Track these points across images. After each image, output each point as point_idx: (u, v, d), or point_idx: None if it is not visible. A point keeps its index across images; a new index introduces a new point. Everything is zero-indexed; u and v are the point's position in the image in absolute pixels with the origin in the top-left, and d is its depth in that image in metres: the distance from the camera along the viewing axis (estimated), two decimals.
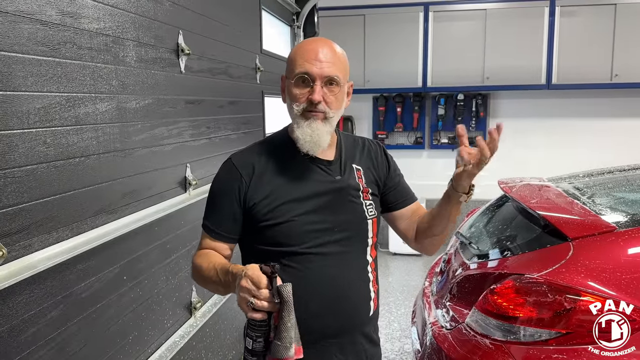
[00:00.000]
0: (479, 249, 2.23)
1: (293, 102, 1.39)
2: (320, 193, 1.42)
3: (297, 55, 1.39)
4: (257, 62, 3.53)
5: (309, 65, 1.35)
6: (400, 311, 4.14)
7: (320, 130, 1.37)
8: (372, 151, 1.58)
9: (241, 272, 1.21)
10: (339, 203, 1.44)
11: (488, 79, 5.34)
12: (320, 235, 1.40)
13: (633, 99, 5.36)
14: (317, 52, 1.36)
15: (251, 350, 1.23)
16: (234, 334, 3.02)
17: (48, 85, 1.55)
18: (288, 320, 1.16)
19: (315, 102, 1.35)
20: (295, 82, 1.38)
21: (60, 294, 1.63)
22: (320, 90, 1.36)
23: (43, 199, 1.54)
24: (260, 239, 1.41)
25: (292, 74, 1.39)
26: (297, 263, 1.38)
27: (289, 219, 1.38)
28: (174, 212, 2.34)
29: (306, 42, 1.44)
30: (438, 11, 5.38)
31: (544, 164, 5.33)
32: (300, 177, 1.42)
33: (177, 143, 2.39)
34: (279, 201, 1.39)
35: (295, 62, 1.38)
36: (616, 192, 2.40)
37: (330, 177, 1.45)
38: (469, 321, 1.91)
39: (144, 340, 2.15)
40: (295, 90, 1.38)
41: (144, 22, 2.10)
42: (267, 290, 1.16)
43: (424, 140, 5.84)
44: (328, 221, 1.41)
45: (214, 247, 1.46)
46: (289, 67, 1.41)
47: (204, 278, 1.40)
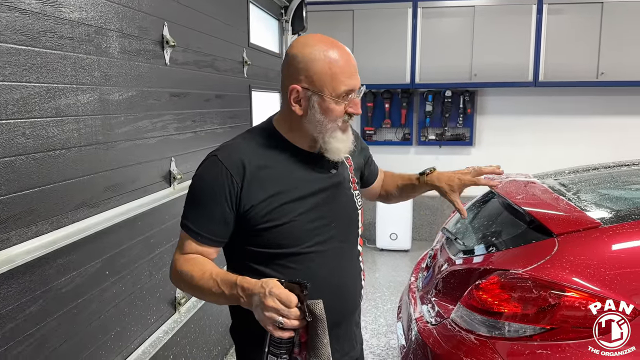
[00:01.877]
0: (465, 244, 2.23)
1: (335, 119, 1.32)
2: (319, 190, 1.38)
3: (337, 71, 1.29)
4: (245, 55, 3.50)
5: (352, 81, 1.32)
6: (387, 307, 4.15)
7: (351, 136, 1.40)
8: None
9: (260, 289, 1.14)
10: (335, 198, 1.42)
11: (476, 75, 5.35)
12: (319, 232, 1.37)
13: (618, 97, 5.41)
14: (350, 64, 1.32)
15: None
16: (220, 330, 3.00)
17: (27, 75, 1.52)
18: (324, 337, 1.15)
19: (358, 115, 1.36)
20: (339, 99, 1.31)
21: (40, 288, 1.60)
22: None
23: (22, 191, 1.50)
24: (255, 242, 1.34)
25: (334, 91, 1.29)
26: (297, 264, 1.34)
27: (290, 220, 1.33)
28: (158, 206, 2.31)
29: (338, 54, 1.31)
30: (427, 7, 5.38)
31: (531, 160, 5.36)
32: (297, 176, 1.37)
33: (161, 136, 2.36)
34: (278, 202, 1.32)
35: (337, 79, 1.29)
36: (601, 189, 2.41)
37: (326, 171, 1.42)
38: (454, 317, 1.91)
39: (126, 336, 2.12)
40: (336, 107, 1.31)
41: (127, 12, 2.06)
42: (297, 310, 1.12)
43: (411, 137, 5.84)
44: (326, 217, 1.39)
45: (200, 252, 1.35)
46: (326, 82, 1.29)
47: (197, 287, 1.30)
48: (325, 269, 1.37)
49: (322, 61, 1.29)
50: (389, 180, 1.80)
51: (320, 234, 1.37)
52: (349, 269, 1.46)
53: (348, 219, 1.45)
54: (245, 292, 1.19)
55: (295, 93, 1.32)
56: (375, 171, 1.77)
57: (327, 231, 1.38)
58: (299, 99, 1.32)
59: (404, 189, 1.75)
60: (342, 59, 1.31)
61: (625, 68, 5.08)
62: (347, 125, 1.38)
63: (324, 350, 1.15)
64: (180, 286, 1.39)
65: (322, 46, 1.31)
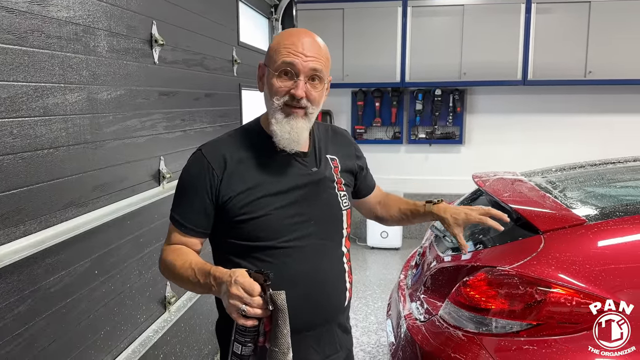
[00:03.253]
0: (453, 242, 2.25)
1: (273, 95, 1.34)
2: (298, 186, 1.40)
3: (281, 46, 1.33)
4: (234, 54, 3.50)
5: (294, 57, 1.31)
6: (377, 304, 4.17)
7: (300, 127, 1.35)
8: (343, 139, 1.60)
9: (228, 277, 1.17)
10: (315, 195, 1.43)
11: (465, 74, 5.38)
12: (297, 228, 1.38)
13: (606, 96, 5.46)
14: (303, 45, 1.32)
15: (240, 355, 1.21)
16: (210, 329, 3.00)
17: (14, 74, 1.51)
18: (284, 327, 1.17)
19: (298, 98, 1.32)
20: (277, 74, 1.33)
21: (28, 288, 1.60)
22: (304, 86, 1.32)
23: (9, 191, 1.50)
24: (234, 234, 1.38)
25: (274, 64, 1.33)
26: (274, 258, 1.36)
27: (266, 213, 1.35)
28: (148, 205, 2.31)
29: (290, 32, 1.38)
30: (416, 6, 5.40)
31: (520, 158, 5.40)
32: (276, 170, 1.39)
33: (150, 135, 2.35)
34: (255, 195, 1.35)
35: (279, 52, 1.32)
36: (587, 186, 2.44)
37: (307, 169, 1.43)
38: (442, 313, 1.93)
39: (116, 335, 2.12)
40: (276, 82, 1.33)
41: (115, 11, 2.05)
42: (259, 298, 1.15)
43: (402, 135, 5.86)
44: (305, 214, 1.39)
45: (185, 242, 1.41)
46: (272, 56, 1.35)
47: (178, 276, 1.35)
48: (302, 265, 1.38)
49: (276, 38, 1.39)
50: (392, 203, 1.77)
51: (298, 229, 1.38)
52: (331, 268, 1.45)
53: (330, 217, 1.45)
54: (216, 280, 1.22)
55: (260, 70, 1.42)
56: (371, 185, 1.75)
57: (305, 227, 1.39)
58: (261, 75, 1.42)
59: (407, 213, 1.72)
60: (294, 37, 1.34)
61: (612, 67, 5.14)
62: (290, 110, 1.34)
63: (283, 341, 1.17)
64: (166, 275, 1.43)
65: (288, 29, 1.39)
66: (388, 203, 1.78)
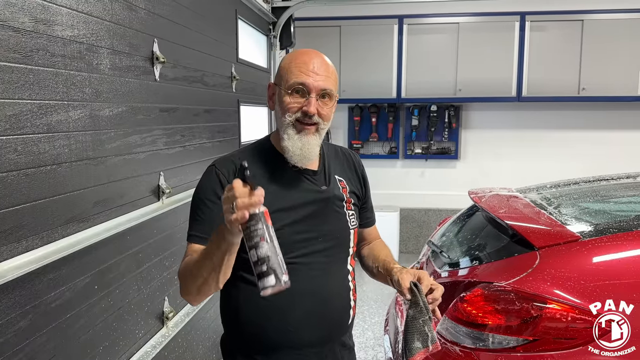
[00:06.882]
0: (450, 257, 2.27)
1: (285, 112, 1.38)
2: (307, 203, 1.42)
3: (293, 65, 1.38)
4: (233, 70, 3.54)
5: (305, 76, 1.36)
6: (374, 320, 4.17)
7: (311, 143, 1.38)
8: (351, 163, 1.61)
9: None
10: (324, 213, 1.44)
11: (460, 90, 5.45)
12: (306, 245, 1.39)
13: (599, 112, 5.54)
14: (314, 65, 1.37)
15: (260, 258, 1.14)
16: (207, 344, 2.99)
17: (19, 92, 1.54)
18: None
19: (310, 114, 1.36)
20: (290, 92, 1.37)
21: (30, 303, 1.61)
22: (316, 103, 1.36)
23: (13, 207, 1.52)
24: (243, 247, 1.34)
25: (286, 83, 1.38)
26: None
27: (277, 229, 1.33)
28: (147, 220, 2.32)
29: (301, 52, 1.43)
30: (412, 24, 5.48)
31: (515, 174, 5.45)
32: (287, 187, 1.41)
33: (150, 151, 2.38)
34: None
35: (291, 72, 1.37)
36: (581, 203, 2.47)
37: (316, 187, 1.45)
38: (439, 329, 1.94)
39: (114, 350, 2.12)
40: (288, 99, 1.37)
41: (118, 29, 2.09)
42: (242, 188, 1.11)
43: (398, 150, 5.91)
44: (314, 231, 1.41)
45: (197, 251, 1.35)
46: (283, 75, 1.40)
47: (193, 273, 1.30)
48: (308, 282, 1.39)
49: (287, 58, 1.44)
50: (377, 252, 1.63)
51: (306, 246, 1.39)
52: (336, 286, 1.46)
53: (337, 235, 1.47)
54: (218, 229, 1.20)
55: (270, 89, 1.46)
56: (370, 220, 1.69)
57: (312, 245, 1.41)
58: (271, 94, 1.46)
59: (381, 273, 1.55)
60: (305, 57, 1.40)
61: (606, 83, 5.22)
62: (303, 127, 1.37)
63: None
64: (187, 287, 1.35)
65: (298, 50, 1.44)
66: (375, 249, 1.66)
